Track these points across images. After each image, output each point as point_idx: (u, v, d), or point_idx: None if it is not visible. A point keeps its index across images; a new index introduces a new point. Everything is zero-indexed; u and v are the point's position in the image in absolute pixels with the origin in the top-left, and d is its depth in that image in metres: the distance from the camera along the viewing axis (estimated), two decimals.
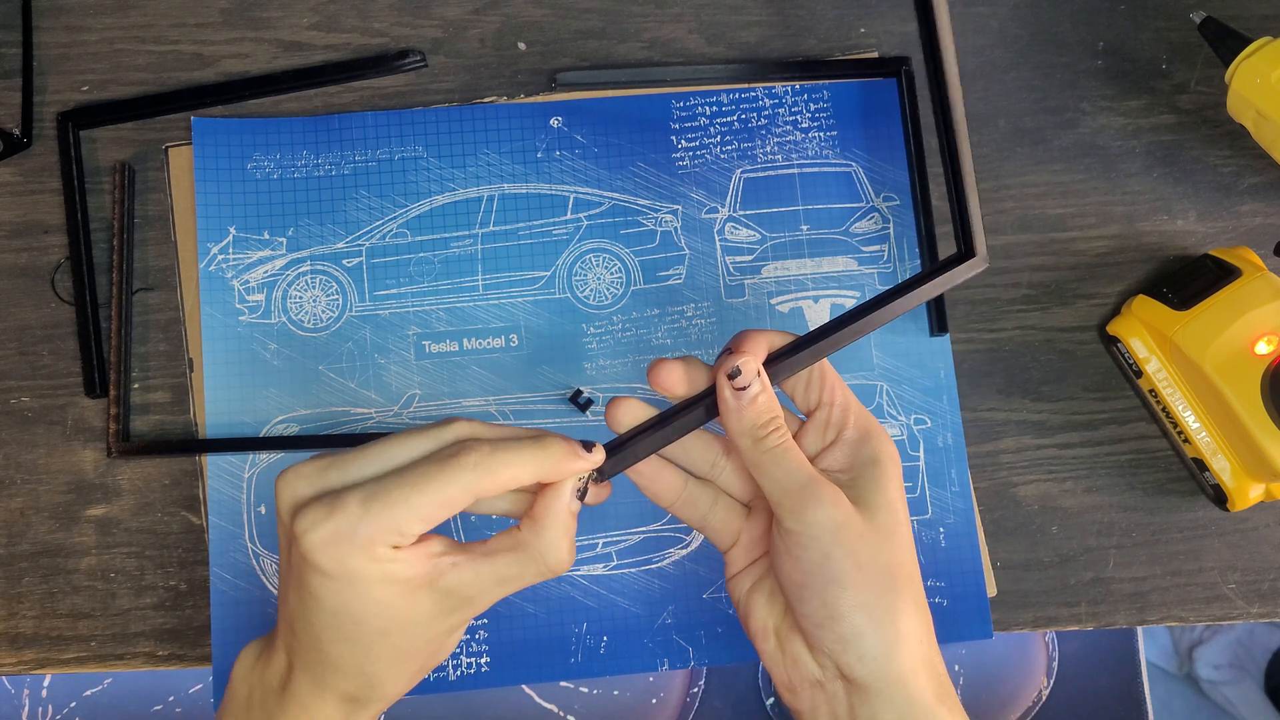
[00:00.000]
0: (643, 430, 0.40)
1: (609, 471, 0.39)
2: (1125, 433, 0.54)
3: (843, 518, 0.38)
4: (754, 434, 0.39)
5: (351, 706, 0.38)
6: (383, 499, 0.34)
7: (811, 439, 0.41)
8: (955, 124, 0.43)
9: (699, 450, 0.42)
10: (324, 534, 0.34)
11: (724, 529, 0.42)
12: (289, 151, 0.54)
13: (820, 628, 0.38)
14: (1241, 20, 0.55)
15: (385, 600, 0.35)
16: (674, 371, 0.40)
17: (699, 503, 0.42)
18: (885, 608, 0.38)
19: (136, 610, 0.52)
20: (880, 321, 0.41)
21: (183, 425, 0.53)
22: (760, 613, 0.41)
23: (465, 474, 0.35)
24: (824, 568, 0.37)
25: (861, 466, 0.40)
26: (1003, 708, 0.70)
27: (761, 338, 0.40)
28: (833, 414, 0.40)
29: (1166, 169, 0.56)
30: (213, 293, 0.53)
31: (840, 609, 0.37)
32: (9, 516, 0.52)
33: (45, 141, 0.55)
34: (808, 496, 0.38)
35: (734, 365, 0.38)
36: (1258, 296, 0.49)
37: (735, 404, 0.38)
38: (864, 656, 0.37)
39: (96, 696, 0.66)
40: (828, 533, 0.37)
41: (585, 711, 0.63)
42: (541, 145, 0.55)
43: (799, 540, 0.38)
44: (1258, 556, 0.54)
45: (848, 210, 0.55)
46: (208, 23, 0.56)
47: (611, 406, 0.40)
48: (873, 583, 0.38)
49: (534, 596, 0.52)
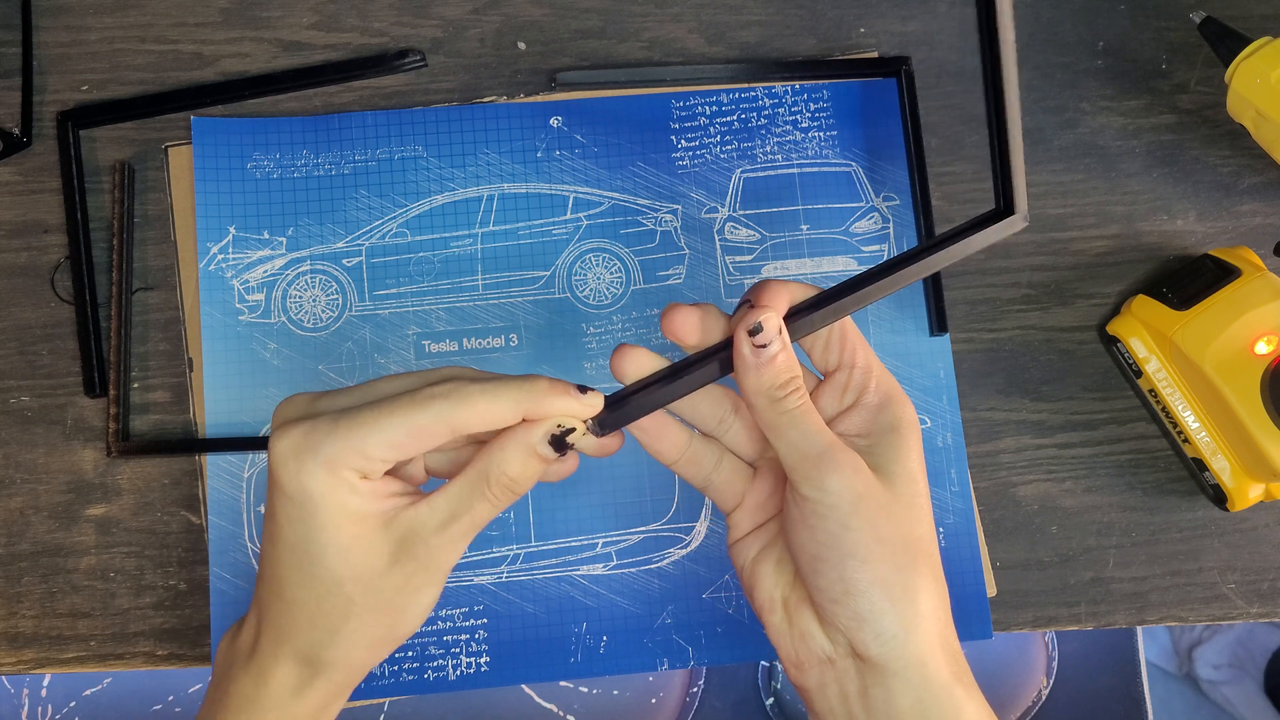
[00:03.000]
0: (649, 383, 0.37)
1: (610, 425, 0.36)
2: (1125, 433, 0.54)
3: (863, 487, 0.36)
4: (772, 394, 0.36)
5: (308, 671, 0.37)
6: (352, 418, 0.34)
7: (829, 400, 0.39)
8: (1003, 53, 0.39)
9: (707, 405, 0.40)
10: (290, 444, 0.34)
11: (728, 489, 0.40)
12: (289, 151, 0.54)
13: (836, 603, 0.36)
14: (1241, 20, 0.55)
15: (341, 538, 0.35)
16: (689, 318, 0.37)
17: (703, 461, 0.40)
18: (904, 584, 0.36)
19: (136, 610, 0.52)
20: (909, 279, 0.38)
21: (182, 425, 0.53)
22: (767, 582, 0.39)
23: (438, 402, 0.34)
24: (842, 539, 0.35)
25: (881, 433, 0.37)
26: (1003, 708, 0.70)
27: (783, 290, 0.37)
28: (853, 376, 0.38)
29: (1166, 169, 0.56)
30: (212, 292, 0.53)
31: (859, 584, 0.35)
32: (9, 516, 0.52)
33: (45, 141, 0.55)
34: (827, 463, 0.36)
35: (755, 320, 0.36)
36: (1257, 296, 0.49)
37: (754, 361, 0.36)
38: (881, 635, 0.35)
39: (96, 696, 0.66)
40: (847, 502, 0.35)
41: (585, 711, 0.63)
42: (541, 145, 0.55)
43: (816, 509, 0.36)
44: (1257, 556, 0.54)
45: (848, 210, 0.55)
46: (208, 22, 0.56)
47: (617, 355, 0.37)
48: (893, 557, 0.36)
49: (534, 596, 0.52)
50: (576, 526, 0.52)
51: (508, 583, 0.52)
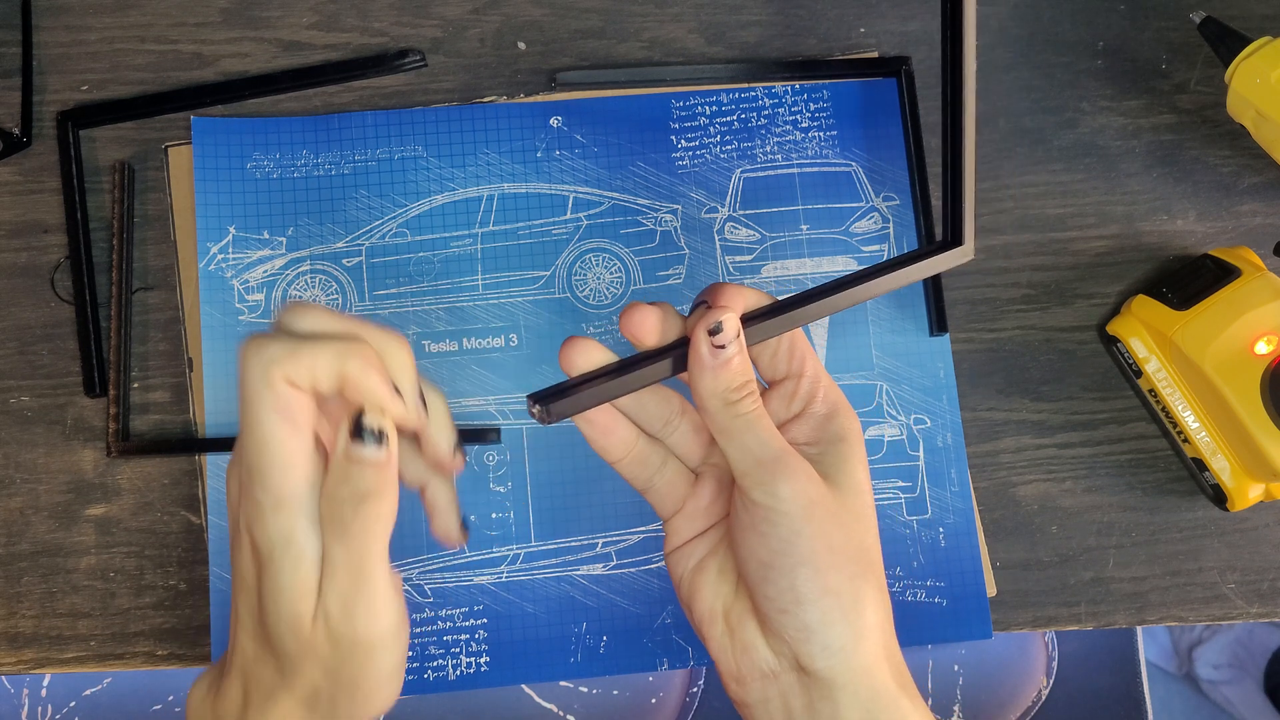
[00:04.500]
0: (599, 376, 0.36)
1: (557, 414, 0.35)
2: (1125, 433, 0.54)
3: (816, 494, 0.35)
4: (726, 397, 0.35)
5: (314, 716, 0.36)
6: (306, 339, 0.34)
7: (776, 407, 0.38)
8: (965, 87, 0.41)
9: (655, 405, 0.39)
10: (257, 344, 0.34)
11: (670, 494, 0.39)
12: (289, 151, 0.54)
13: (784, 613, 0.35)
14: (1241, 20, 0.55)
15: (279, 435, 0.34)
16: (649, 318, 0.36)
17: (648, 462, 0.39)
18: (854, 594, 0.35)
19: (136, 610, 0.52)
20: (861, 297, 0.39)
21: (182, 425, 0.53)
22: (707, 593, 0.38)
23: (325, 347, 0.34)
24: (794, 546, 0.35)
25: (829, 442, 0.37)
26: (1002, 708, 0.70)
27: (739, 295, 0.37)
28: (801, 385, 0.38)
29: (1166, 169, 0.56)
30: (212, 292, 0.53)
31: (809, 594, 0.35)
32: (8, 516, 0.52)
33: (45, 141, 0.55)
34: (781, 468, 0.35)
35: (715, 320, 0.35)
36: (1257, 296, 0.49)
37: (711, 362, 0.35)
38: (829, 647, 0.35)
39: (96, 696, 0.66)
40: (800, 509, 0.35)
41: (585, 711, 0.63)
42: (541, 145, 0.55)
43: (768, 515, 0.35)
44: (1257, 556, 0.54)
45: (847, 210, 0.55)
46: (208, 22, 0.56)
47: (566, 347, 0.36)
48: (845, 566, 0.35)
49: (534, 596, 0.52)
50: (576, 526, 0.52)
51: (508, 583, 0.52)
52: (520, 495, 0.53)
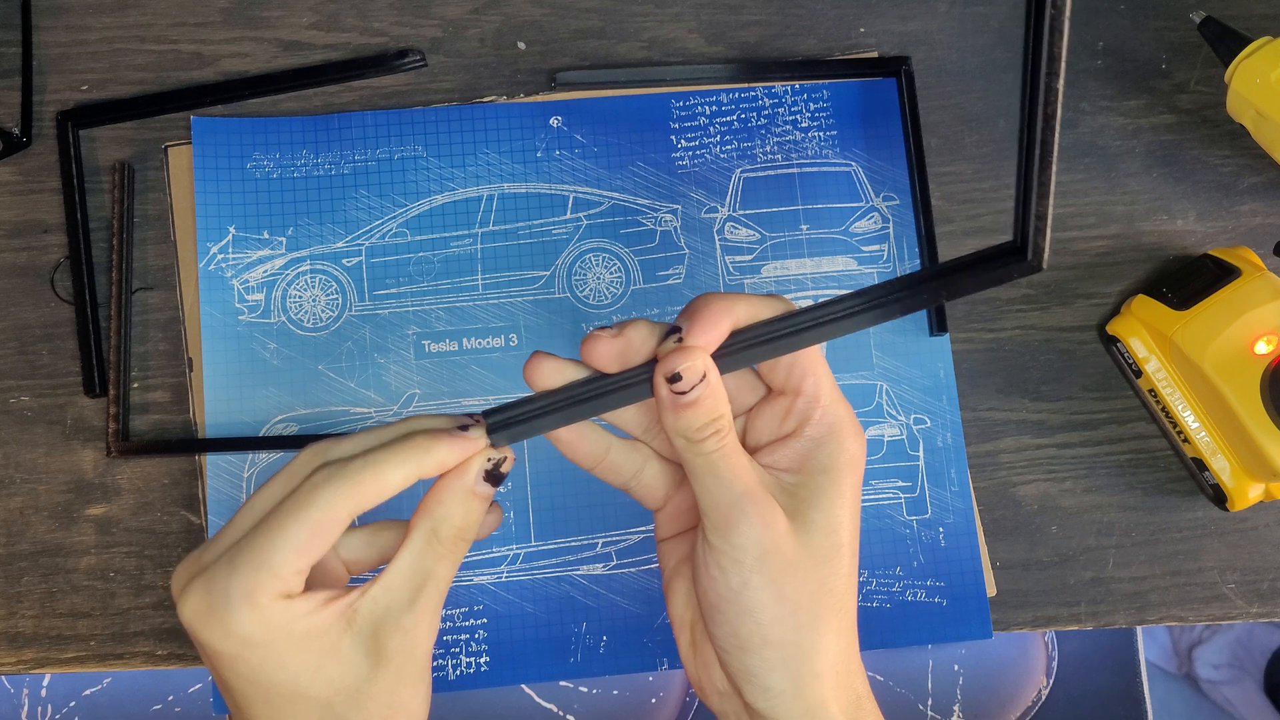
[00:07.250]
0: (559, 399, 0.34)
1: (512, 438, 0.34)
2: (1125, 433, 0.54)
3: (771, 543, 0.34)
4: (689, 435, 0.33)
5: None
6: (245, 548, 0.32)
7: (767, 421, 0.36)
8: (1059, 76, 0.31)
9: (633, 412, 0.37)
10: (198, 605, 0.32)
11: (649, 495, 0.38)
12: (288, 151, 0.54)
13: (728, 654, 0.35)
14: (1241, 20, 0.55)
15: (308, 661, 0.32)
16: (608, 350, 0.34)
17: (623, 468, 0.37)
18: (799, 644, 0.34)
19: (136, 610, 0.52)
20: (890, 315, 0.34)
21: (182, 425, 0.53)
22: (680, 600, 0.38)
23: (323, 492, 0.32)
24: (742, 595, 0.34)
25: (812, 472, 0.35)
26: (1002, 708, 0.70)
27: (724, 315, 0.33)
28: (796, 405, 0.35)
29: (1166, 169, 0.56)
30: (212, 292, 0.53)
31: (750, 642, 0.34)
32: (8, 516, 0.52)
33: (45, 141, 0.55)
34: (737, 514, 0.33)
35: (674, 369, 0.32)
36: (1257, 296, 0.49)
37: (672, 402, 0.33)
38: (769, 691, 0.34)
39: (96, 696, 0.65)
40: (752, 557, 0.33)
41: (585, 711, 0.63)
42: (541, 145, 0.55)
43: (719, 560, 0.34)
44: (1257, 556, 0.54)
45: (847, 210, 0.55)
46: (207, 22, 0.56)
47: (531, 365, 0.34)
48: (791, 617, 0.34)
49: (534, 596, 0.52)
50: (576, 526, 0.52)
51: (508, 583, 0.52)
52: (520, 495, 0.53)
